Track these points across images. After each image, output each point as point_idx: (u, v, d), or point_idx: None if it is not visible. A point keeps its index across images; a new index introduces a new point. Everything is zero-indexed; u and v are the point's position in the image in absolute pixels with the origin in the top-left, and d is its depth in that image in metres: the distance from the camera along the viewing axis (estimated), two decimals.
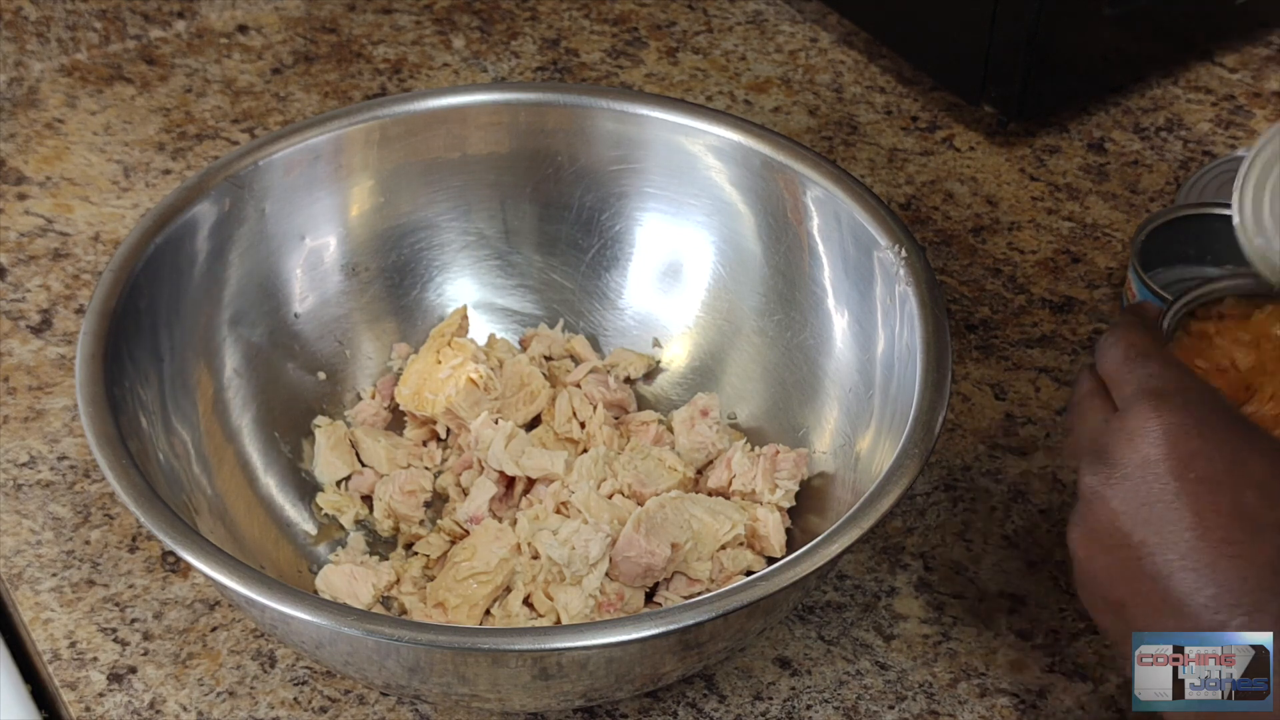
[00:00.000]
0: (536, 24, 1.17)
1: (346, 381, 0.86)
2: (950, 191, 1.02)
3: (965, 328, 0.93)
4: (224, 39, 1.14)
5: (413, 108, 0.85)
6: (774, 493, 0.78)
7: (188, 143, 1.05)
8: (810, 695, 0.74)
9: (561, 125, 0.86)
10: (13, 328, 0.92)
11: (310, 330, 0.85)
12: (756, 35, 1.16)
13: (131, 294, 0.75)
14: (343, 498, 0.82)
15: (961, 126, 1.07)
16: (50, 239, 0.98)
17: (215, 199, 0.80)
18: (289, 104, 1.09)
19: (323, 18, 1.17)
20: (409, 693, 0.71)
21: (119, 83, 1.10)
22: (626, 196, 0.87)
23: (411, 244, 0.87)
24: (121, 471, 0.67)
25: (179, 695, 0.74)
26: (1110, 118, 1.08)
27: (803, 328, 0.83)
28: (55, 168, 1.03)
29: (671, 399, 0.87)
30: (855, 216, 0.79)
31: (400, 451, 0.83)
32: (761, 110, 1.08)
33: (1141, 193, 1.02)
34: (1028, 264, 0.97)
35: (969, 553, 0.81)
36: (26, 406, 0.88)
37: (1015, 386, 0.90)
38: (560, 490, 0.78)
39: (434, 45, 1.14)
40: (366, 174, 0.86)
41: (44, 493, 0.83)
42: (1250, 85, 1.10)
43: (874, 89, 1.11)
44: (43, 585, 0.79)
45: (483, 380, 0.83)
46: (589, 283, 0.89)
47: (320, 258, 0.85)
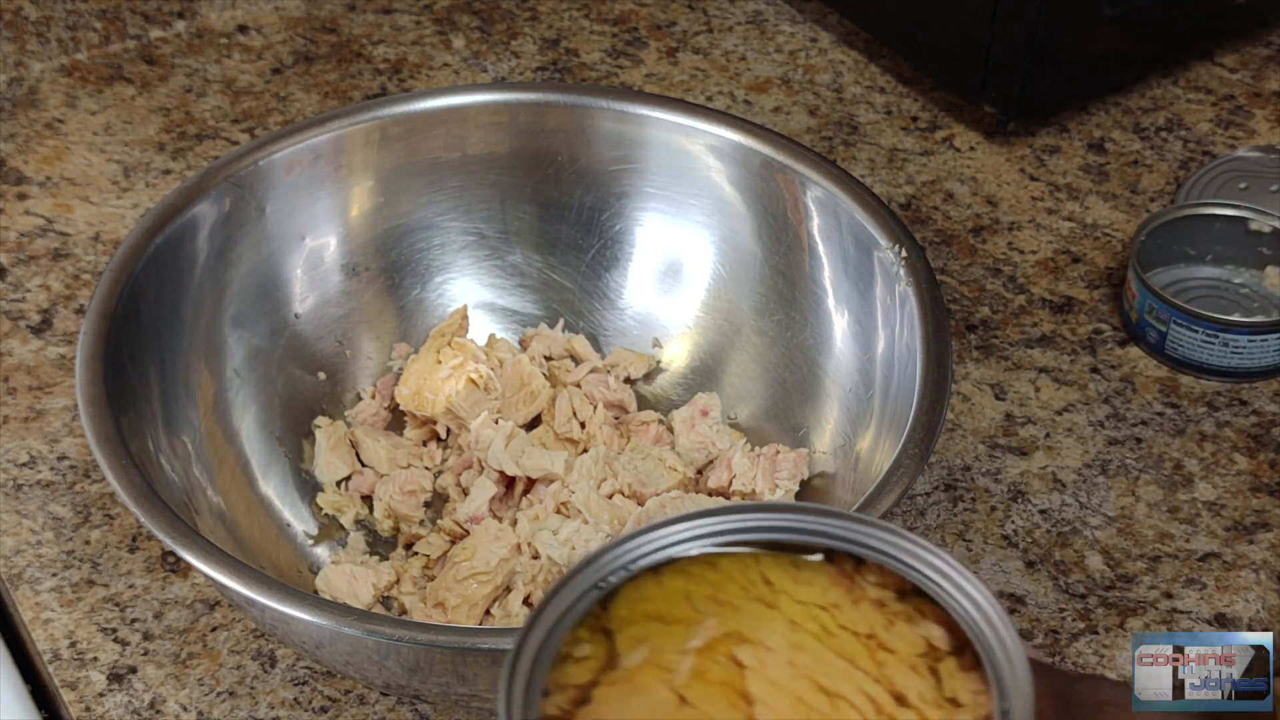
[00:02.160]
0: (536, 24, 1.17)
1: (346, 381, 0.86)
2: (950, 191, 1.02)
3: (965, 328, 0.93)
4: (224, 39, 1.14)
5: (413, 108, 0.85)
6: (774, 492, 0.78)
7: (188, 143, 1.05)
8: None
9: (561, 125, 0.86)
10: (13, 328, 0.92)
11: (310, 330, 0.85)
12: (756, 35, 1.16)
13: (132, 294, 0.75)
14: (343, 498, 0.82)
15: (961, 126, 1.07)
16: (50, 239, 0.98)
17: (215, 199, 0.80)
18: (289, 104, 1.09)
19: (323, 18, 1.17)
20: (409, 693, 0.71)
21: (119, 83, 1.10)
22: (626, 196, 0.87)
23: (411, 244, 0.87)
24: (121, 471, 0.67)
25: (179, 695, 0.74)
26: (1110, 118, 1.08)
27: (803, 328, 0.83)
28: (55, 168, 1.03)
29: (671, 399, 0.87)
30: (855, 216, 0.79)
31: (400, 451, 0.83)
32: (761, 110, 1.08)
33: (1141, 193, 1.02)
34: (1028, 264, 0.97)
35: (969, 553, 0.81)
36: (27, 406, 0.88)
37: (1015, 386, 0.90)
38: (560, 490, 0.78)
39: (434, 45, 1.14)
40: (367, 174, 0.86)
41: (44, 493, 0.83)
42: (1250, 85, 1.10)
43: (874, 89, 1.11)
44: (43, 585, 0.79)
45: (483, 380, 0.83)
46: (589, 283, 0.89)
47: (320, 258, 0.85)
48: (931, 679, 0.34)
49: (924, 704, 0.33)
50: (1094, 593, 0.79)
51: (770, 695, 0.34)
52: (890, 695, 0.33)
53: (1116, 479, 0.85)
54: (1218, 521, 0.82)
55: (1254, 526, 0.82)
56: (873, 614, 0.35)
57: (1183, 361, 0.90)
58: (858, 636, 0.34)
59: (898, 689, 0.33)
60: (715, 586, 0.36)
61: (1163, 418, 0.88)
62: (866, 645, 0.34)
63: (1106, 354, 0.92)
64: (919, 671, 0.34)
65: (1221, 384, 0.90)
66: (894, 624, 0.35)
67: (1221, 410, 0.88)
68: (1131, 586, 0.79)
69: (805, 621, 0.35)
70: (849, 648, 0.34)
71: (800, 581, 0.36)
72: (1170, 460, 0.86)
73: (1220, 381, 0.90)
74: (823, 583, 0.35)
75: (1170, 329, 0.89)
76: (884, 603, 0.35)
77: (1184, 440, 0.87)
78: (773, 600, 0.35)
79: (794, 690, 0.34)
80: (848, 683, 0.34)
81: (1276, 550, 0.81)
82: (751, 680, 0.34)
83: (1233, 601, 0.79)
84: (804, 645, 0.34)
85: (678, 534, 0.37)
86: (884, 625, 0.35)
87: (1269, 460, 0.86)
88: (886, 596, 0.35)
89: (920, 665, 0.34)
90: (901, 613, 0.35)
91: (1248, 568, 0.80)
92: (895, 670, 0.34)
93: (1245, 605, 0.79)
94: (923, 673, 0.34)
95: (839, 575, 0.36)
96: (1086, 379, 0.90)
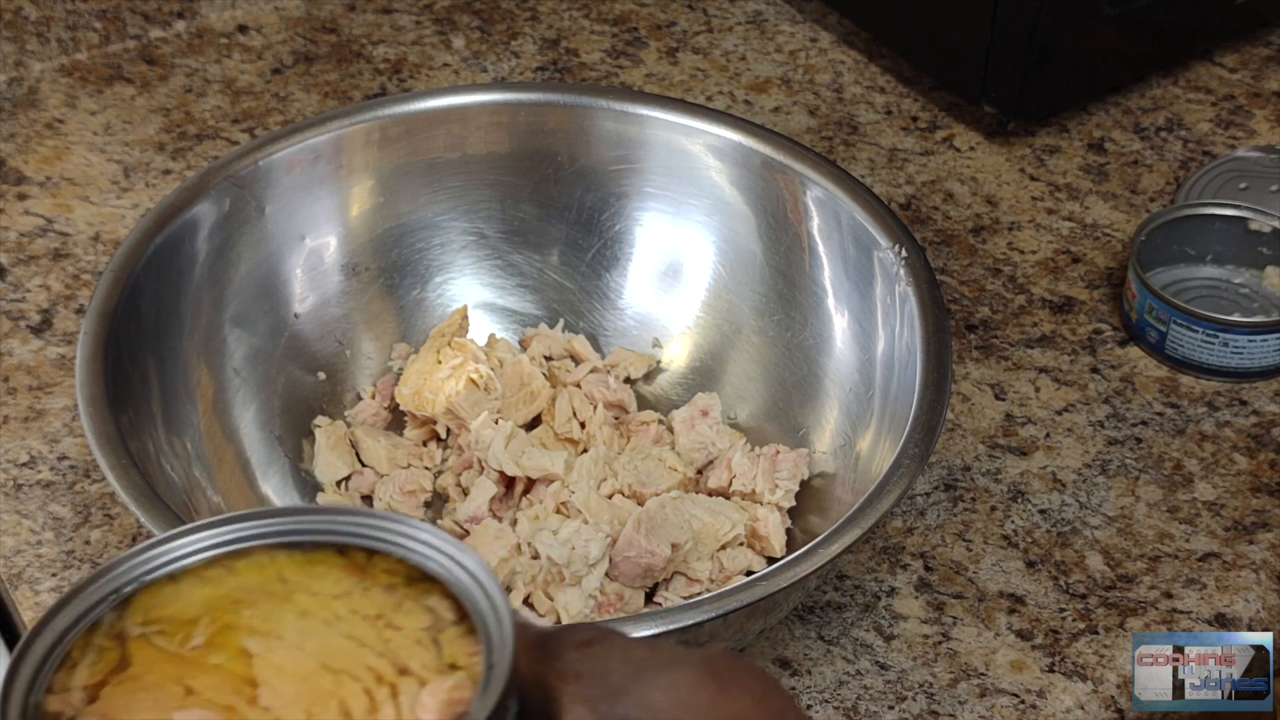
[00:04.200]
0: (536, 24, 1.17)
1: (346, 381, 0.86)
2: (950, 191, 1.02)
3: (965, 328, 0.93)
4: (224, 39, 1.14)
5: (413, 108, 0.85)
6: (774, 493, 0.78)
7: (188, 143, 1.05)
8: (810, 695, 0.74)
9: (561, 125, 0.86)
10: (13, 328, 0.92)
11: (310, 330, 0.85)
12: (756, 35, 1.16)
13: (131, 294, 0.75)
14: (343, 498, 0.82)
15: (962, 126, 1.07)
16: (50, 239, 0.98)
17: (215, 199, 0.80)
18: (289, 104, 1.09)
19: (323, 18, 1.17)
20: None
21: (119, 83, 1.10)
22: (626, 196, 0.87)
23: (411, 244, 0.87)
24: (122, 471, 0.67)
25: None
26: (1110, 117, 1.08)
27: (803, 328, 0.83)
28: (55, 168, 1.03)
29: (671, 399, 0.87)
30: (855, 216, 0.79)
31: (400, 451, 0.83)
32: (761, 110, 1.08)
33: (1141, 193, 1.02)
34: (1028, 264, 0.97)
35: (969, 553, 0.81)
36: (27, 407, 0.88)
37: (1015, 386, 0.90)
38: (560, 490, 0.78)
39: (434, 45, 1.14)
40: (367, 174, 0.86)
41: (44, 493, 0.83)
42: (1250, 85, 1.10)
43: (874, 89, 1.11)
44: (43, 585, 0.79)
45: (483, 380, 0.83)
46: (589, 283, 0.88)
47: (320, 258, 0.85)
48: (434, 649, 0.38)
49: (425, 670, 0.37)
50: (1094, 593, 0.79)
51: (275, 678, 0.37)
52: (394, 667, 0.37)
53: (1116, 479, 0.85)
54: (1218, 521, 0.82)
55: (1254, 526, 0.82)
56: (382, 597, 0.39)
57: (1183, 361, 0.90)
58: (367, 619, 0.38)
59: (401, 661, 0.38)
60: (231, 589, 0.39)
61: (1163, 418, 0.88)
62: (375, 625, 0.38)
63: (1106, 354, 0.92)
64: (423, 644, 0.38)
65: (1221, 384, 0.90)
66: (402, 604, 0.39)
67: (1221, 410, 0.89)
68: (1131, 586, 0.79)
69: (317, 610, 0.39)
70: (358, 630, 0.38)
71: (314, 576, 0.39)
72: (1170, 460, 0.86)
73: (1220, 381, 0.90)
74: (336, 575, 0.39)
75: (1170, 329, 0.89)
76: (394, 586, 0.39)
77: (1184, 440, 0.87)
78: (286, 595, 0.39)
79: (299, 671, 0.37)
80: (353, 660, 0.38)
81: (1276, 550, 0.81)
82: (259, 666, 0.38)
83: (1233, 602, 0.79)
84: (313, 631, 0.38)
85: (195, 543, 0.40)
86: (393, 607, 0.39)
87: (1269, 460, 0.86)
88: (397, 581, 0.39)
89: (425, 638, 0.38)
90: (410, 594, 0.39)
91: (1248, 568, 0.80)
92: (400, 645, 0.38)
93: (1245, 605, 0.79)
94: (426, 644, 0.38)
95: (351, 567, 0.39)
96: (1086, 379, 0.90)
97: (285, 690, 0.37)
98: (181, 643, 0.38)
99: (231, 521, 0.40)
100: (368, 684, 0.37)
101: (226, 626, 0.38)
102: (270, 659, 0.38)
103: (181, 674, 0.38)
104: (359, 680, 0.37)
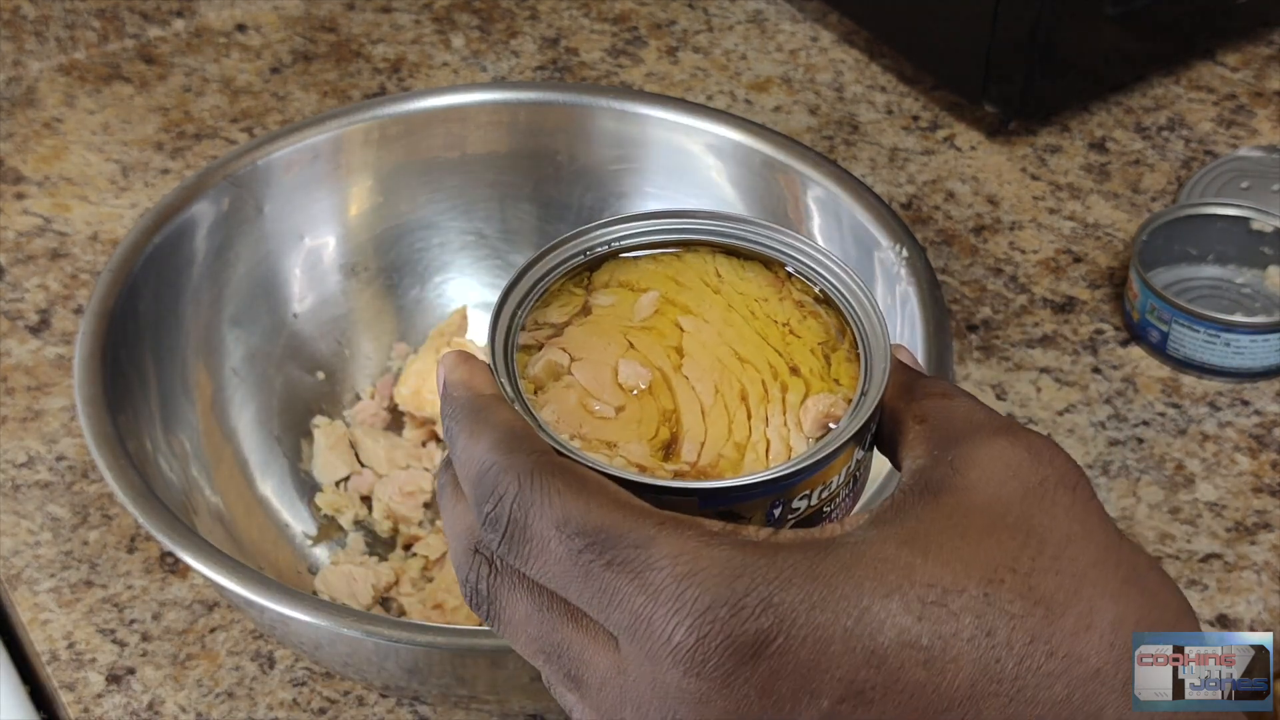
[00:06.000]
0: (536, 23, 1.16)
1: (346, 381, 0.86)
2: (951, 191, 1.02)
3: (966, 328, 0.93)
4: (222, 38, 1.14)
5: (412, 107, 0.85)
6: None
7: (186, 142, 1.05)
8: None
9: (561, 125, 0.86)
10: (11, 328, 0.92)
11: (309, 330, 0.85)
12: (757, 34, 1.15)
13: (130, 294, 0.75)
14: (342, 498, 0.81)
15: (963, 126, 1.07)
16: (48, 239, 0.98)
17: (214, 198, 0.80)
18: (288, 103, 1.08)
19: (321, 17, 1.17)
20: (408, 694, 0.71)
21: (117, 82, 1.10)
22: (626, 196, 0.87)
23: (410, 244, 0.87)
24: (120, 472, 0.67)
25: (178, 696, 0.74)
26: (1112, 117, 1.08)
27: None
28: (53, 167, 1.03)
29: None
30: (856, 216, 0.79)
31: (399, 452, 0.83)
32: (762, 109, 1.08)
33: (1143, 192, 1.02)
34: (1029, 264, 0.97)
35: None
36: (25, 407, 0.87)
37: (1016, 387, 0.89)
38: None
39: (433, 44, 1.14)
40: (366, 173, 0.85)
41: (42, 493, 0.83)
42: (1252, 84, 1.10)
43: (875, 88, 1.11)
44: (41, 586, 0.79)
45: None
46: None
47: (319, 257, 0.85)
48: (824, 362, 0.44)
49: (812, 376, 0.44)
50: None
51: (698, 352, 0.44)
52: (788, 367, 0.44)
53: (1118, 479, 0.84)
54: (1219, 522, 0.82)
55: (1256, 527, 0.82)
56: (792, 309, 0.45)
57: (1184, 362, 0.90)
58: (776, 323, 0.45)
59: (795, 363, 0.44)
60: (677, 271, 0.46)
61: (1164, 418, 0.88)
62: (781, 330, 0.45)
63: (1108, 354, 0.91)
64: (816, 355, 0.45)
65: (1223, 384, 0.90)
66: (806, 319, 0.45)
67: (1223, 410, 0.88)
68: None
69: (739, 307, 0.45)
70: (767, 330, 0.45)
71: (743, 279, 0.46)
72: (1172, 461, 0.85)
73: (1222, 382, 0.90)
74: (760, 282, 0.46)
75: (1172, 329, 0.89)
76: (803, 304, 0.46)
77: (1185, 440, 0.87)
78: (718, 288, 0.46)
79: (716, 352, 0.44)
80: (759, 353, 0.44)
81: (1278, 551, 0.81)
82: (687, 340, 0.45)
83: (1234, 602, 0.78)
84: (733, 322, 0.45)
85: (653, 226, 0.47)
86: (799, 319, 0.45)
87: (1271, 461, 0.85)
88: (806, 300, 0.46)
89: (819, 350, 0.45)
90: (815, 313, 0.45)
91: (1249, 569, 0.80)
92: (797, 350, 0.45)
93: (1247, 606, 0.78)
94: (819, 356, 0.44)
95: (774, 280, 0.46)
96: (1088, 379, 0.90)
97: (703, 364, 0.44)
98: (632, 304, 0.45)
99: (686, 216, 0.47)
100: (765, 377, 0.44)
101: (668, 302, 0.46)
102: (697, 336, 0.45)
103: (628, 330, 0.45)
104: (759, 372, 0.44)
